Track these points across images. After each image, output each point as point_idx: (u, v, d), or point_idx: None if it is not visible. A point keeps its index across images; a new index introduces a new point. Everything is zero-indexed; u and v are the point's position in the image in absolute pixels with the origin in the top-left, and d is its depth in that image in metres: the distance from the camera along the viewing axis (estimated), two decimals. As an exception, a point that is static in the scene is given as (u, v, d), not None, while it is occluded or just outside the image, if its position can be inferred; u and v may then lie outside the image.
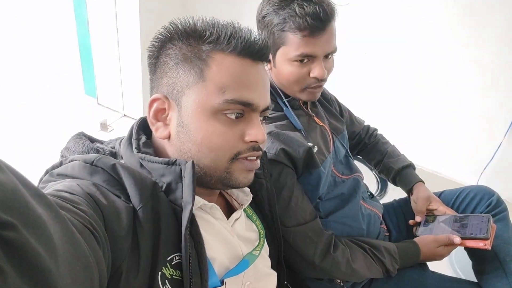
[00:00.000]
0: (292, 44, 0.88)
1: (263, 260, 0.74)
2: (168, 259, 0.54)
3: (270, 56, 0.94)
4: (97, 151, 0.66)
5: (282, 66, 0.93)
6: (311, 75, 0.92)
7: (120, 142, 0.66)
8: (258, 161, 0.66)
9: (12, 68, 3.17)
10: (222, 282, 0.61)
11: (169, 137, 0.62)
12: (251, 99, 0.60)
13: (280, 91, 0.98)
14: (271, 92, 0.99)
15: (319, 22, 0.85)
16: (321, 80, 0.93)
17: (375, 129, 1.39)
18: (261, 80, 0.63)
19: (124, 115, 2.74)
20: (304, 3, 0.85)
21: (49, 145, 2.21)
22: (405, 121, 2.35)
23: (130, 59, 2.45)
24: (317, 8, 0.85)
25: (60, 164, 0.57)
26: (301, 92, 0.96)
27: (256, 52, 0.61)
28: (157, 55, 0.62)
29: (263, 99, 0.63)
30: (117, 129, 2.59)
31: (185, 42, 0.60)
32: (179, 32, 0.60)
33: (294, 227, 0.88)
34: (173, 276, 0.53)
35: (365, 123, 1.38)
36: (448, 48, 2.07)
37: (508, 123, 2.06)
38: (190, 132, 0.60)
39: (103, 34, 2.45)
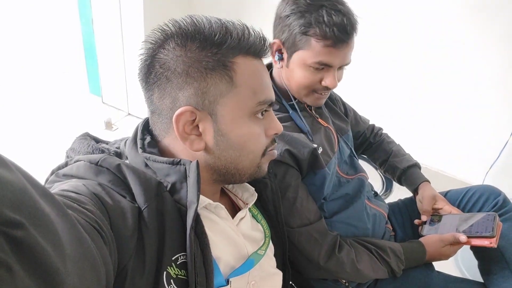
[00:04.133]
0: (313, 50, 0.87)
1: (269, 260, 0.74)
2: (173, 258, 0.54)
3: (284, 56, 0.94)
4: (102, 152, 0.66)
5: (296, 69, 0.92)
6: (323, 83, 0.92)
7: (125, 142, 0.66)
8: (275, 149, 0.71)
9: (17, 67, 3.19)
10: (228, 282, 0.61)
11: (204, 148, 0.60)
12: (271, 96, 0.64)
13: (287, 92, 0.98)
14: (276, 94, 0.99)
15: (344, 35, 0.85)
16: (329, 89, 0.93)
17: (380, 128, 1.39)
18: (269, 75, 0.66)
19: (129, 114, 2.75)
20: (333, 12, 0.84)
21: (54, 144, 2.22)
22: (411, 120, 2.34)
23: (134, 58, 2.45)
24: (345, 20, 0.84)
25: (66, 164, 0.57)
26: (307, 96, 0.97)
27: (265, 50, 0.63)
28: (162, 63, 0.58)
29: (273, 93, 0.66)
30: (121, 128, 2.60)
31: (204, 49, 0.57)
32: (188, 36, 0.57)
33: (299, 228, 0.88)
34: (178, 276, 0.53)
35: (370, 123, 1.38)
36: (455, 47, 2.06)
37: (515, 121, 2.05)
38: (231, 139, 0.60)
39: (107, 33, 2.46)
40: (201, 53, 0.57)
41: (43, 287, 0.29)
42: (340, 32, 0.84)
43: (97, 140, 0.70)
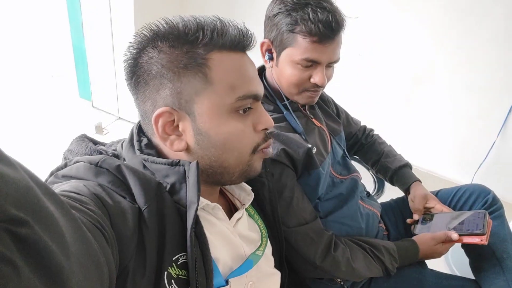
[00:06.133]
0: (300, 47, 0.89)
1: (266, 260, 0.74)
2: (173, 259, 0.54)
3: (274, 55, 0.95)
4: (100, 153, 0.66)
5: (285, 67, 0.93)
6: (312, 80, 0.93)
7: (121, 144, 0.67)
8: (270, 147, 0.68)
9: (5, 70, 3.15)
10: (227, 282, 0.61)
11: (186, 148, 0.60)
12: (255, 90, 0.61)
13: (281, 93, 0.99)
14: (270, 95, 1.00)
15: (329, 31, 0.86)
16: (319, 86, 0.94)
17: (372, 130, 1.41)
18: (254, 68, 0.64)
19: (119, 117, 2.73)
20: (318, 9, 0.86)
21: (44, 149, 2.20)
22: (400, 121, 2.37)
23: (125, 62, 2.44)
24: (330, 17, 0.85)
25: (65, 165, 0.57)
26: (298, 95, 0.97)
27: (246, 43, 0.61)
28: (139, 67, 0.58)
29: (261, 87, 0.64)
30: (112, 132, 2.58)
31: (176, 48, 0.57)
32: (160, 38, 0.57)
33: (296, 228, 0.89)
34: (179, 276, 0.54)
35: (361, 124, 1.39)
36: (443, 49, 2.09)
37: (501, 122, 2.09)
38: (211, 137, 0.59)
39: (97, 36, 2.44)
40: (172, 53, 0.56)
41: (48, 285, 0.29)
42: (325, 28, 0.85)
43: (95, 142, 0.69)
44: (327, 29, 0.86)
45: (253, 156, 0.64)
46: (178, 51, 0.56)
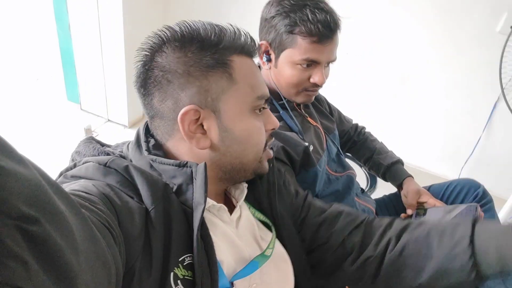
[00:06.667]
0: (300, 48, 0.90)
1: (278, 261, 0.71)
2: (180, 260, 0.54)
3: (272, 57, 0.96)
4: (108, 155, 0.66)
5: (284, 68, 0.95)
6: (312, 80, 0.94)
7: (127, 146, 0.67)
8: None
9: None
10: (231, 284, 0.61)
11: (210, 145, 0.61)
12: (266, 92, 0.66)
13: (277, 92, 1.00)
14: None
15: (328, 31, 0.89)
16: (318, 86, 0.96)
17: (363, 127, 1.43)
18: (261, 73, 0.68)
19: (108, 120, 2.70)
20: (316, 10, 0.88)
21: (33, 153, 2.16)
22: (389, 118, 2.41)
23: (113, 64, 2.41)
24: (328, 17, 0.88)
25: (74, 166, 0.57)
26: (297, 95, 0.99)
27: (255, 50, 0.66)
28: (161, 66, 0.59)
29: (268, 90, 0.68)
30: (102, 135, 2.55)
31: (204, 49, 0.59)
32: (188, 39, 0.59)
33: None
34: (185, 277, 0.53)
35: (353, 122, 1.42)
36: (428, 48, 2.14)
37: (486, 118, 2.15)
38: (235, 134, 0.62)
39: (85, 38, 2.41)
40: (200, 53, 0.59)
41: (57, 282, 0.30)
42: (324, 28, 0.88)
43: (102, 144, 0.70)
44: (326, 29, 0.88)
45: (263, 154, 0.68)
46: (205, 52, 0.59)
